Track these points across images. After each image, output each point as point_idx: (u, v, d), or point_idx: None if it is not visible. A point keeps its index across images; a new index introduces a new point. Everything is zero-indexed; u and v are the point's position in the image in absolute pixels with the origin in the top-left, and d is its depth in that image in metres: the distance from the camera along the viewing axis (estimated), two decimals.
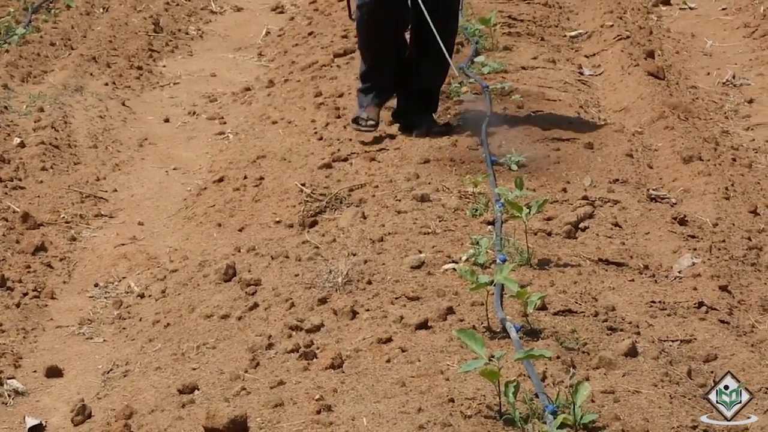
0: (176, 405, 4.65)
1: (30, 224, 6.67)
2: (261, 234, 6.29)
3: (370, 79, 7.27)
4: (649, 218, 6.24)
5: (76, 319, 5.86)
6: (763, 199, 6.63)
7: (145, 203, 7.26)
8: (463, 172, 6.61)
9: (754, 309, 5.48)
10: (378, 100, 7.28)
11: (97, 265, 6.43)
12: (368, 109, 7.20)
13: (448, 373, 4.50)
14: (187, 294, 5.69)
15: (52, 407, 5.08)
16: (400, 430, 4.08)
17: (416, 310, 5.04)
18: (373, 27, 7.11)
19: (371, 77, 7.28)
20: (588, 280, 5.46)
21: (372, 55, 7.26)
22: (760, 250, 6.00)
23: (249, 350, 4.96)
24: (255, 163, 7.30)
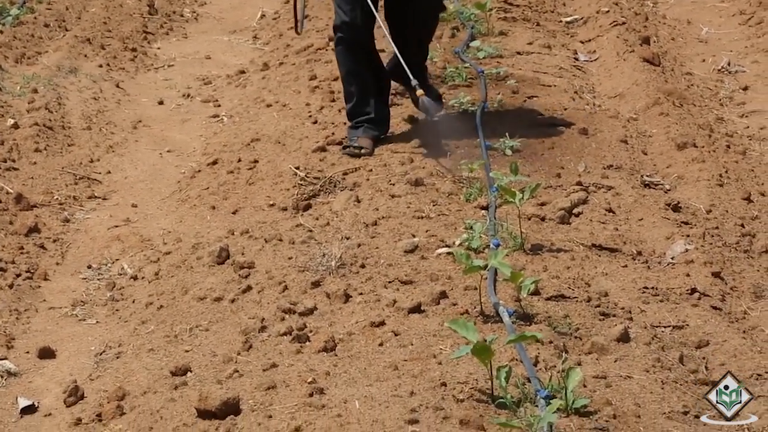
0: (169, 387, 4.66)
1: (23, 205, 6.66)
2: (255, 217, 6.28)
3: (361, 114, 6.91)
4: (643, 204, 6.25)
5: (69, 300, 5.85)
6: (757, 186, 6.64)
7: (138, 185, 7.25)
8: (458, 157, 6.61)
9: (747, 295, 5.49)
10: (371, 133, 6.88)
11: (91, 246, 6.43)
12: (361, 139, 6.82)
13: (441, 357, 4.50)
14: (180, 276, 5.69)
15: (44, 388, 5.08)
16: (393, 413, 4.08)
17: (409, 293, 5.05)
18: (353, 57, 6.87)
19: (360, 112, 6.91)
20: (581, 265, 5.46)
21: (358, 85, 6.91)
22: (753, 237, 6.01)
23: (242, 333, 4.96)
24: (249, 146, 7.29)
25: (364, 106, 6.91)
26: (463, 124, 6.91)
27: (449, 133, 6.78)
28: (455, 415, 4.06)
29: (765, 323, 5.23)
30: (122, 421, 4.54)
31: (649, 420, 4.17)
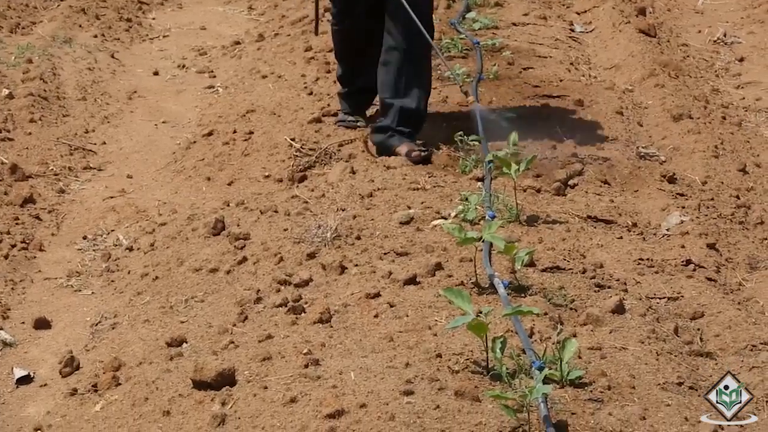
0: (164, 358, 4.66)
1: (18, 176, 6.65)
2: (250, 188, 6.28)
3: (350, 83, 6.84)
4: (638, 176, 6.25)
5: (65, 271, 5.85)
6: (753, 157, 6.64)
7: (134, 156, 7.24)
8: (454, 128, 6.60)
9: (742, 267, 5.50)
10: (362, 100, 6.89)
11: (86, 217, 6.42)
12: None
13: (436, 328, 4.51)
14: (175, 247, 5.69)
15: (40, 359, 5.08)
16: (388, 384, 4.09)
17: (405, 265, 5.05)
18: (350, 45, 6.74)
19: (351, 81, 6.84)
20: (576, 237, 5.47)
21: (350, 62, 6.82)
22: (748, 209, 6.01)
23: (237, 304, 4.96)
24: (244, 118, 7.28)
25: (356, 75, 6.79)
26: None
27: None
28: (450, 386, 4.07)
29: (760, 294, 5.24)
30: (118, 392, 4.54)
31: (644, 391, 4.18)
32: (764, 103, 7.54)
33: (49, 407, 4.66)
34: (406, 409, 3.95)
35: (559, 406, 4.00)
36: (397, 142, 6.34)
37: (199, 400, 4.30)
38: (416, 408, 3.95)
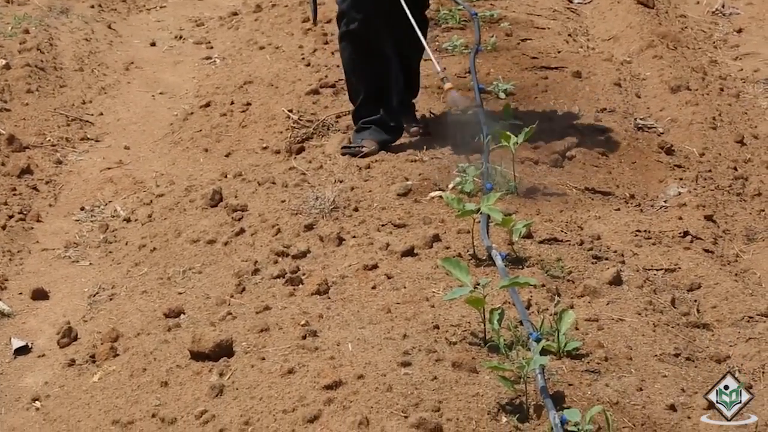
0: (162, 329, 4.67)
1: (16, 147, 6.65)
2: (248, 160, 6.28)
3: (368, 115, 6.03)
4: (636, 147, 6.25)
5: (62, 242, 5.86)
6: (750, 129, 6.64)
7: (131, 127, 7.23)
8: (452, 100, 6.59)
9: (739, 238, 5.51)
10: (379, 136, 6.02)
11: (83, 188, 6.42)
12: (365, 141, 5.99)
13: (434, 300, 4.52)
14: (173, 219, 5.69)
15: (38, 329, 5.09)
16: (385, 355, 4.10)
17: (402, 237, 5.05)
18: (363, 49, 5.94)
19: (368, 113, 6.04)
20: (574, 208, 5.47)
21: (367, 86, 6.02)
22: (746, 180, 6.02)
23: (235, 275, 4.97)
24: (242, 89, 7.27)
25: (371, 110, 6.04)
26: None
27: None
28: (448, 358, 4.08)
29: (757, 266, 5.25)
30: (116, 363, 4.55)
31: (641, 362, 4.19)
32: (762, 75, 7.53)
33: (47, 378, 4.66)
34: (404, 380, 3.96)
35: (557, 377, 4.01)
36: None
37: (197, 371, 4.31)
38: (413, 379, 3.96)
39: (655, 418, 3.88)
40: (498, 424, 3.78)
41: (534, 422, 3.79)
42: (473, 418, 3.79)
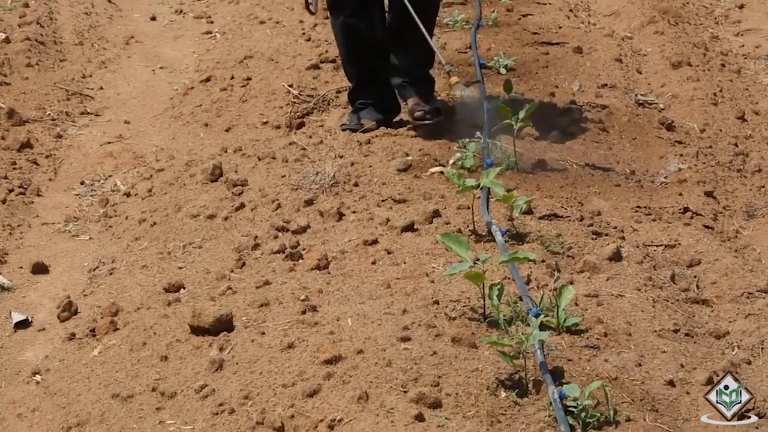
0: (162, 303, 4.67)
1: (15, 121, 6.64)
2: (248, 135, 6.27)
3: (363, 98, 6.07)
4: (637, 123, 6.24)
5: (62, 216, 5.85)
6: (751, 105, 6.63)
7: (131, 102, 7.22)
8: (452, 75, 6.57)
9: (739, 215, 5.51)
10: (376, 115, 6.03)
11: (83, 162, 6.41)
12: (364, 120, 5.98)
13: (434, 275, 4.52)
14: (173, 193, 5.69)
15: (38, 303, 5.09)
16: (385, 330, 4.10)
17: (402, 212, 5.05)
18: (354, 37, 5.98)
19: (362, 95, 6.08)
20: (574, 184, 5.47)
21: (360, 71, 6.07)
22: (746, 156, 6.01)
23: (235, 250, 4.97)
24: (242, 63, 7.26)
25: (366, 92, 6.07)
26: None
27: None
28: (447, 333, 4.08)
29: (757, 242, 5.25)
30: (116, 337, 4.56)
31: (640, 338, 4.20)
32: (764, 51, 7.51)
33: (47, 351, 4.67)
34: (403, 355, 3.96)
35: (556, 352, 4.02)
36: (409, 92, 6.06)
37: (197, 346, 4.32)
38: (413, 354, 3.96)
39: (654, 394, 3.89)
40: (497, 399, 3.78)
41: (533, 397, 3.80)
42: (472, 393, 3.80)
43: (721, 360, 4.14)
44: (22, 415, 4.28)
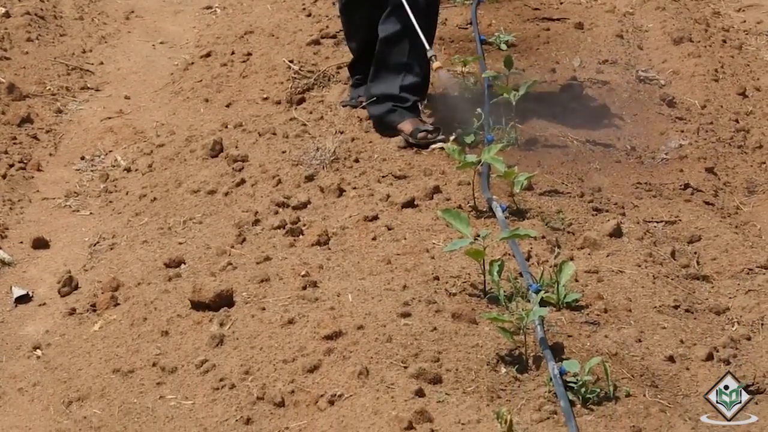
0: (163, 278, 4.68)
1: (16, 95, 6.63)
2: (248, 110, 6.26)
3: (361, 71, 5.96)
4: (638, 100, 6.23)
5: (63, 191, 5.85)
6: (752, 81, 6.62)
7: (131, 77, 7.21)
8: (452, 51, 6.57)
9: (740, 191, 5.51)
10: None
11: (84, 138, 6.41)
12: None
13: (434, 251, 4.52)
14: (173, 169, 5.68)
15: (38, 278, 5.10)
16: (385, 306, 4.11)
17: (403, 188, 5.05)
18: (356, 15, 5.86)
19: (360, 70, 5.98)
20: (575, 160, 5.47)
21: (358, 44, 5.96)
22: (747, 132, 6.01)
23: (235, 226, 4.97)
24: (242, 39, 7.24)
25: (363, 67, 5.92)
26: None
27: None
28: (447, 309, 4.09)
29: (757, 218, 5.25)
30: (116, 312, 4.56)
31: (640, 314, 4.20)
32: (765, 26, 7.50)
33: (47, 326, 4.68)
34: (404, 331, 3.97)
35: (556, 328, 4.02)
36: (399, 117, 5.57)
37: (198, 321, 4.32)
38: (413, 330, 3.97)
39: (653, 369, 3.89)
40: (497, 375, 3.79)
41: (533, 373, 3.81)
42: (472, 369, 3.80)
43: (721, 336, 4.15)
44: (23, 389, 4.29)
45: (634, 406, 3.68)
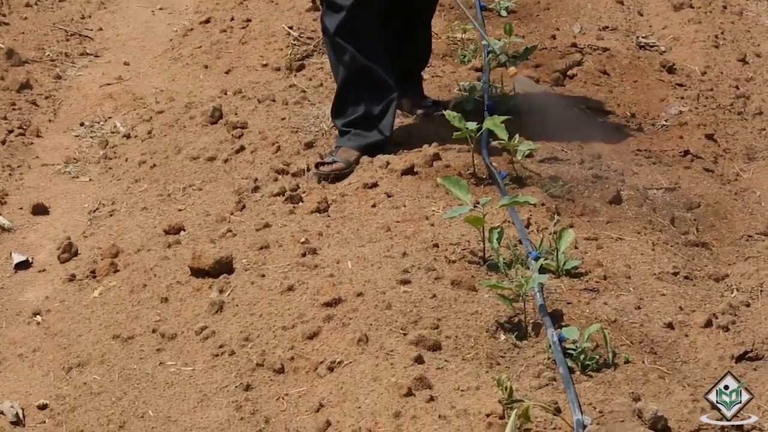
0: (162, 245, 4.68)
1: (15, 61, 6.61)
2: (248, 77, 6.25)
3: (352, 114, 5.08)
4: (638, 66, 6.22)
5: (62, 157, 5.85)
6: (753, 47, 6.60)
7: (130, 43, 7.19)
8: (452, 17, 6.55)
9: (739, 157, 5.50)
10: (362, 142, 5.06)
11: (83, 104, 6.40)
12: (341, 150, 5.05)
13: (433, 218, 4.52)
14: (173, 135, 5.68)
15: (38, 244, 5.10)
16: (385, 273, 4.11)
17: (402, 155, 5.04)
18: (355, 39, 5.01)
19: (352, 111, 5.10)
20: (575, 127, 5.45)
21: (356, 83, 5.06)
22: (747, 99, 6.00)
23: (235, 193, 4.97)
24: (242, 5, 7.21)
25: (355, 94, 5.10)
26: None
27: None
28: (447, 276, 4.09)
29: (757, 185, 5.25)
30: (116, 278, 4.57)
31: (639, 281, 4.21)
32: None
33: (47, 292, 4.69)
34: (403, 298, 3.97)
35: (555, 295, 4.03)
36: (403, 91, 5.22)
37: (197, 288, 4.33)
38: (413, 297, 3.98)
39: (652, 336, 3.90)
40: (496, 342, 3.80)
41: (532, 340, 3.82)
42: (472, 336, 3.81)
43: (720, 302, 4.16)
44: (23, 355, 4.30)
45: (633, 372, 3.69)
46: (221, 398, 3.79)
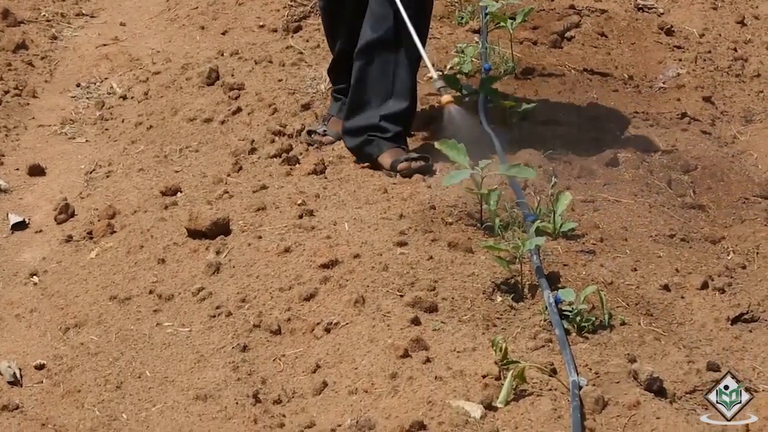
0: (159, 206, 4.68)
1: (10, 21, 6.59)
2: (244, 38, 6.23)
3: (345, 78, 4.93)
4: (636, 28, 6.20)
5: (59, 118, 5.84)
6: (751, 9, 6.58)
7: (126, 3, 7.16)
8: None
9: (737, 120, 5.50)
10: None
11: (79, 65, 6.38)
12: (332, 122, 4.99)
13: (430, 180, 4.52)
14: (169, 97, 5.67)
15: (35, 205, 5.10)
16: (382, 235, 4.11)
17: None
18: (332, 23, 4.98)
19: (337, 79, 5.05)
20: (572, 89, 5.45)
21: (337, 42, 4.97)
22: (745, 61, 5.98)
23: (232, 154, 4.96)
24: None
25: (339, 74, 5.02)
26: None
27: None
28: (444, 238, 4.09)
29: (754, 147, 5.25)
30: (113, 239, 4.57)
31: (636, 243, 4.21)
32: None
33: (44, 253, 4.69)
34: (400, 259, 3.98)
35: (552, 257, 4.03)
36: (377, 149, 4.71)
37: (194, 249, 4.33)
38: (409, 259, 3.98)
39: (648, 298, 3.91)
40: (493, 303, 3.81)
41: (529, 301, 3.82)
42: (468, 297, 3.82)
43: (717, 265, 4.16)
44: (20, 315, 4.30)
45: (629, 334, 3.70)
46: (218, 359, 3.80)
